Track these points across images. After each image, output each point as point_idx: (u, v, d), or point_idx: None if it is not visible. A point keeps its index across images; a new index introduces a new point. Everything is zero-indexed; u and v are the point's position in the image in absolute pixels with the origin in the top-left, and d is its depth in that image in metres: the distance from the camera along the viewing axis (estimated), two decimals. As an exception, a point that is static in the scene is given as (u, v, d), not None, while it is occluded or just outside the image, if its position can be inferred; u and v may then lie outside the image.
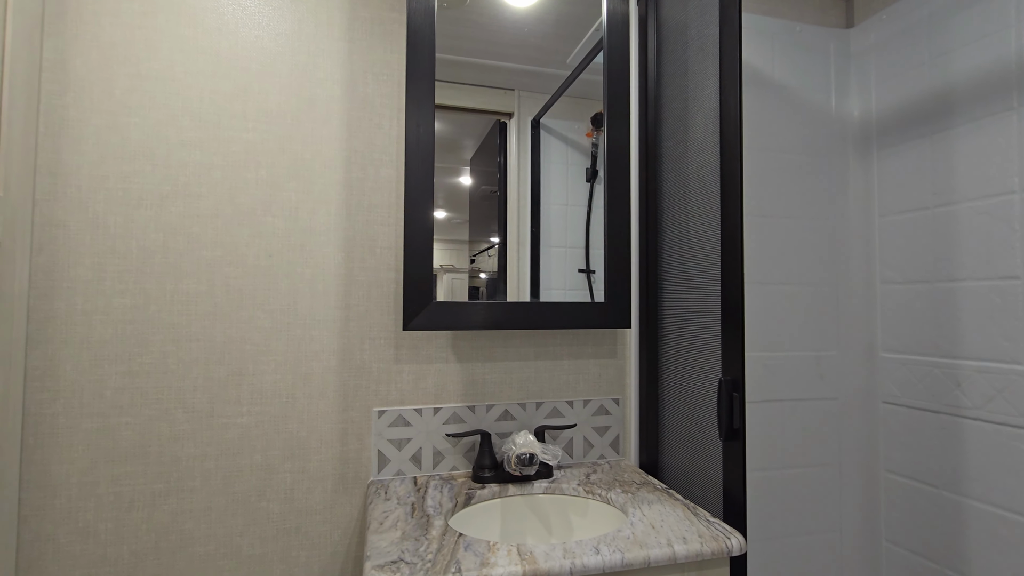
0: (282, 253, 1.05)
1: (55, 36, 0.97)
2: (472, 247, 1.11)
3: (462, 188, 1.10)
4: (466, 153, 1.12)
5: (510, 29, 1.13)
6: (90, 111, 0.98)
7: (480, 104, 1.13)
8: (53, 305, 0.95)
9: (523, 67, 1.16)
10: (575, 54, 1.19)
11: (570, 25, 1.17)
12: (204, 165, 1.02)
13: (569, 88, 1.18)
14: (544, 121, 1.17)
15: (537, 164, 1.17)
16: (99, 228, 0.97)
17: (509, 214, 1.14)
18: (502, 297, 1.12)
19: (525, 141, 1.16)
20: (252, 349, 1.03)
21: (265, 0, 1.06)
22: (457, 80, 1.10)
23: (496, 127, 1.15)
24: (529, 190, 1.16)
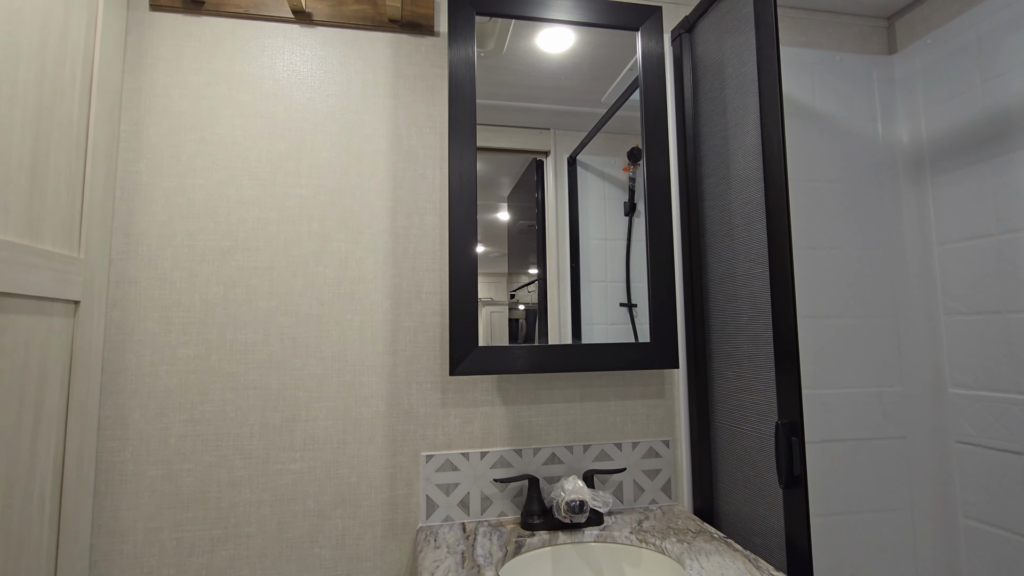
0: (333, 301, 1.09)
1: (131, 109, 1.05)
2: (511, 279, 1.13)
3: (500, 223, 1.12)
4: (503, 190, 1.15)
5: (545, 72, 1.17)
6: (160, 175, 1.05)
7: (517, 144, 1.16)
8: (124, 357, 1.01)
9: (558, 107, 1.19)
10: (609, 93, 1.21)
11: (604, 66, 1.20)
12: (261, 220, 1.08)
13: (605, 125, 1.20)
14: (580, 158, 1.19)
15: (574, 200, 1.18)
16: (166, 283, 1.04)
17: (548, 249, 1.15)
18: (543, 332, 1.12)
19: (562, 178, 1.18)
20: (305, 396, 1.06)
21: (317, 64, 1.13)
22: (495, 123, 1.13)
23: (533, 165, 1.18)
24: (567, 226, 1.17)
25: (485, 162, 1.12)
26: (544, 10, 1.15)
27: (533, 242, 1.14)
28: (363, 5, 1.15)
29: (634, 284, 1.18)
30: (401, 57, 1.17)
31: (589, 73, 1.19)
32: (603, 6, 1.18)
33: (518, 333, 1.12)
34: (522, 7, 1.14)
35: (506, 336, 1.10)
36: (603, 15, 1.18)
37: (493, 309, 1.11)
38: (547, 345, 1.10)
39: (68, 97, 0.88)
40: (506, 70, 1.15)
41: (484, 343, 1.08)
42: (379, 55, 1.16)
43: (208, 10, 1.09)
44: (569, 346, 1.10)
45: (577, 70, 1.19)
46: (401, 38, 1.17)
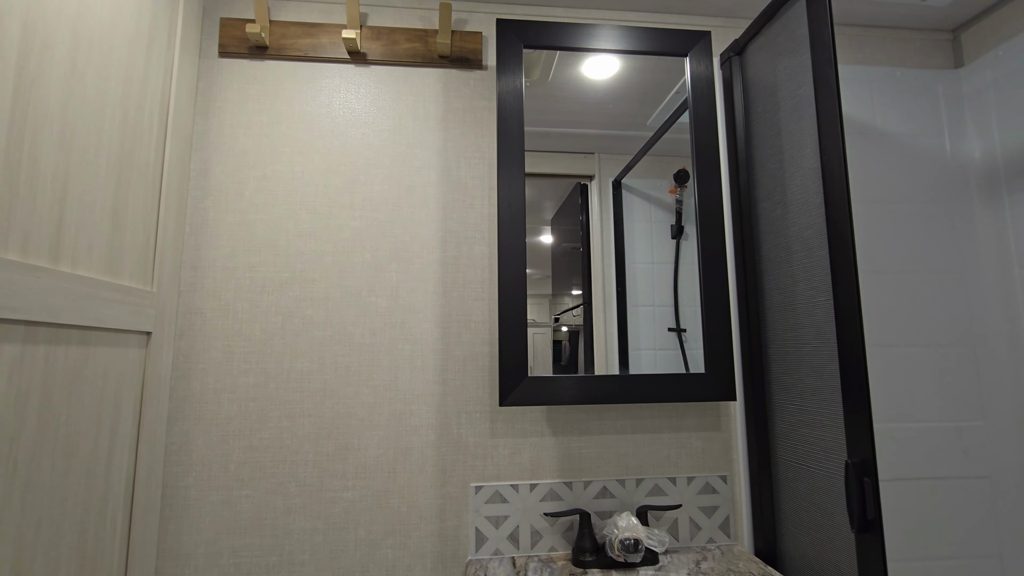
0: (384, 331, 1.11)
1: (201, 150, 1.12)
2: (554, 300, 1.12)
3: (543, 245, 1.12)
4: (547, 214, 1.15)
5: (590, 98, 1.17)
6: (225, 211, 1.11)
7: (562, 169, 1.16)
8: (190, 385, 1.06)
9: (603, 132, 1.19)
10: (655, 116, 1.20)
11: (650, 90, 1.19)
12: (317, 252, 1.12)
13: (651, 148, 1.19)
14: (625, 181, 1.18)
15: (620, 224, 1.17)
16: (229, 314, 1.08)
17: (593, 272, 1.13)
18: (588, 357, 1.10)
19: (607, 201, 1.17)
20: (357, 424, 1.08)
21: (371, 101, 1.18)
22: (540, 149, 1.14)
23: (577, 189, 1.17)
24: (613, 249, 1.16)
25: (529, 187, 1.13)
26: (591, 41, 1.16)
27: (577, 264, 1.14)
28: (415, 43, 1.19)
29: (683, 308, 1.15)
30: (450, 91, 1.20)
31: (635, 97, 1.19)
32: (651, 34, 1.17)
33: (561, 355, 1.10)
34: (569, 39, 1.15)
35: (549, 358, 1.10)
36: (651, 43, 1.17)
37: (536, 330, 1.10)
38: (597, 376, 1.08)
39: (146, 142, 0.95)
40: (551, 97, 1.16)
41: (531, 370, 1.07)
42: (429, 90, 1.19)
43: (271, 55, 1.15)
44: (619, 377, 1.08)
45: (622, 95, 1.19)
46: (450, 73, 1.20)
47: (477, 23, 1.23)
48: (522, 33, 1.13)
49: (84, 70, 0.78)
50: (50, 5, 0.71)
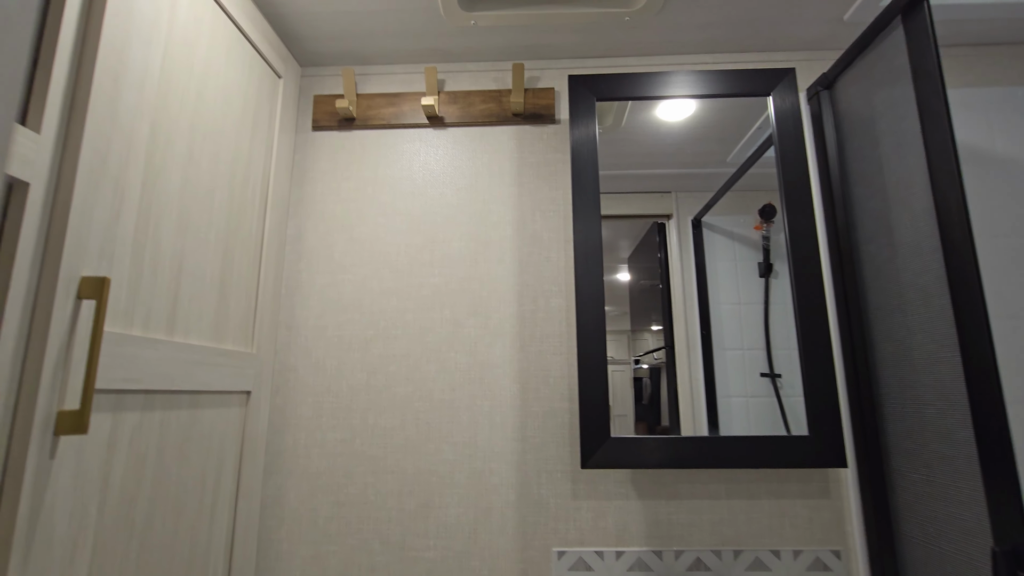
0: (464, 387, 1.11)
1: (296, 217, 1.21)
2: (634, 336, 1.07)
3: (620, 283, 1.10)
4: (623, 252, 1.12)
5: (665, 139, 1.15)
6: (316, 273, 1.18)
7: (637, 210, 1.14)
8: (284, 439, 1.11)
9: (680, 171, 1.15)
10: (736, 152, 1.15)
11: (729, 127, 1.15)
12: (399, 309, 1.15)
13: (733, 185, 1.13)
14: (706, 219, 1.13)
15: (701, 263, 1.11)
16: (319, 371, 1.14)
17: (675, 314, 1.08)
18: (672, 401, 1.03)
19: (686, 241, 1.12)
20: (438, 481, 1.08)
21: (448, 161, 1.22)
22: (613, 190, 1.13)
23: (654, 228, 1.14)
24: (695, 291, 1.10)
25: (605, 228, 1.11)
26: (665, 88, 1.14)
27: (656, 300, 1.09)
28: (489, 104, 1.23)
29: (776, 352, 1.06)
30: (524, 146, 1.22)
31: (713, 135, 1.15)
32: (729, 77, 1.14)
33: (642, 393, 1.05)
34: (642, 88, 1.14)
35: (630, 396, 1.05)
36: (730, 86, 1.14)
37: (616, 368, 1.06)
38: (685, 437, 1.01)
39: (249, 214, 1.03)
40: (624, 141, 1.15)
41: (612, 410, 1.03)
42: (504, 147, 1.22)
43: (357, 125, 1.24)
44: (710, 439, 1.01)
45: (700, 134, 1.15)
46: (524, 129, 1.23)
47: (549, 79, 1.25)
48: (594, 87, 1.13)
49: (199, 158, 0.87)
50: (172, 105, 0.81)
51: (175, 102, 0.81)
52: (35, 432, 0.57)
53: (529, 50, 1.22)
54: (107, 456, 0.67)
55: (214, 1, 0.91)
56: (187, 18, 0.84)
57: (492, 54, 1.24)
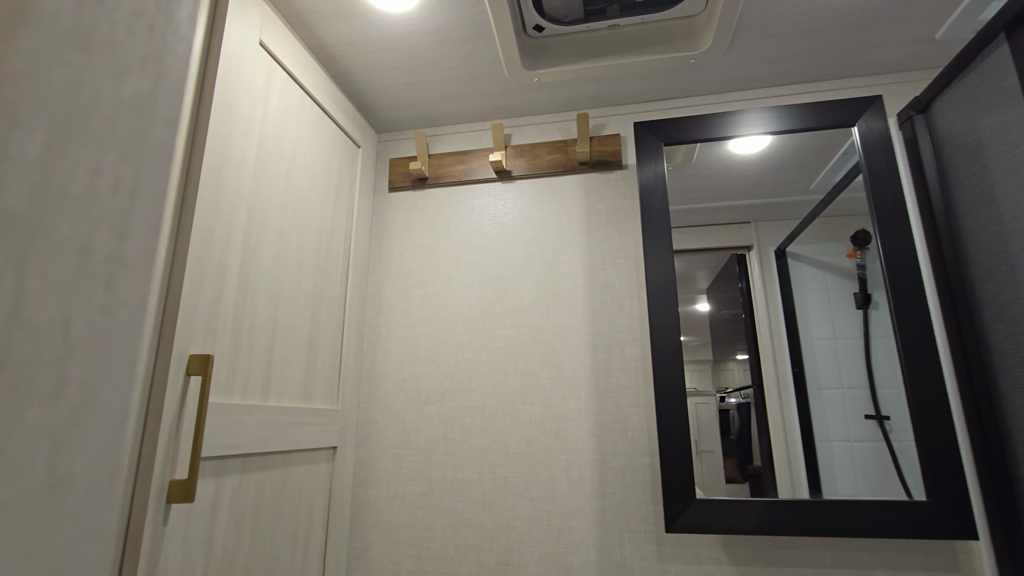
0: (539, 440, 1.10)
1: (375, 274, 1.27)
2: (716, 367, 1.02)
3: (700, 313, 1.05)
4: (701, 283, 1.07)
5: (740, 171, 1.11)
6: (394, 327, 1.23)
7: (714, 242, 1.09)
8: (367, 492, 1.15)
9: (758, 201, 1.10)
10: (820, 180, 1.08)
11: (810, 155, 1.09)
12: (473, 362, 1.17)
13: (820, 212, 1.07)
14: (791, 249, 1.06)
15: (788, 297, 1.04)
16: (399, 423, 1.17)
17: (762, 352, 1.01)
18: (763, 442, 0.96)
19: (770, 273, 1.06)
20: (516, 538, 1.06)
21: (517, 214, 1.24)
22: (688, 224, 1.09)
23: (733, 260, 1.08)
24: (783, 325, 1.03)
25: (680, 261, 1.08)
26: (736, 128, 1.10)
27: (739, 330, 1.04)
28: (555, 155, 1.24)
29: (881, 390, 0.96)
30: (592, 194, 1.22)
31: (793, 163, 1.10)
32: (808, 111, 1.08)
33: (730, 427, 0.98)
34: (712, 129, 1.11)
35: (716, 430, 0.99)
36: (808, 119, 1.08)
37: (700, 400, 1.01)
38: (782, 501, 0.93)
39: (333, 277, 1.10)
40: (696, 176, 1.12)
41: (699, 459, 0.97)
42: (571, 195, 1.23)
43: (430, 184, 1.29)
44: (812, 504, 0.92)
45: (778, 163, 1.10)
46: (591, 177, 1.23)
47: (615, 125, 1.25)
48: (661, 132, 1.12)
49: (288, 231, 0.95)
50: (266, 188, 0.89)
51: (268, 184, 0.89)
52: (151, 501, 0.62)
53: (593, 99, 1.23)
54: (211, 519, 0.73)
55: (301, 88, 1.00)
56: (278, 107, 0.93)
57: (557, 106, 1.26)
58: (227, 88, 0.78)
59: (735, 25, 1.00)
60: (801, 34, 1.04)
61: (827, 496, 0.96)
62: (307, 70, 1.01)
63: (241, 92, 0.81)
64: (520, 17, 1.05)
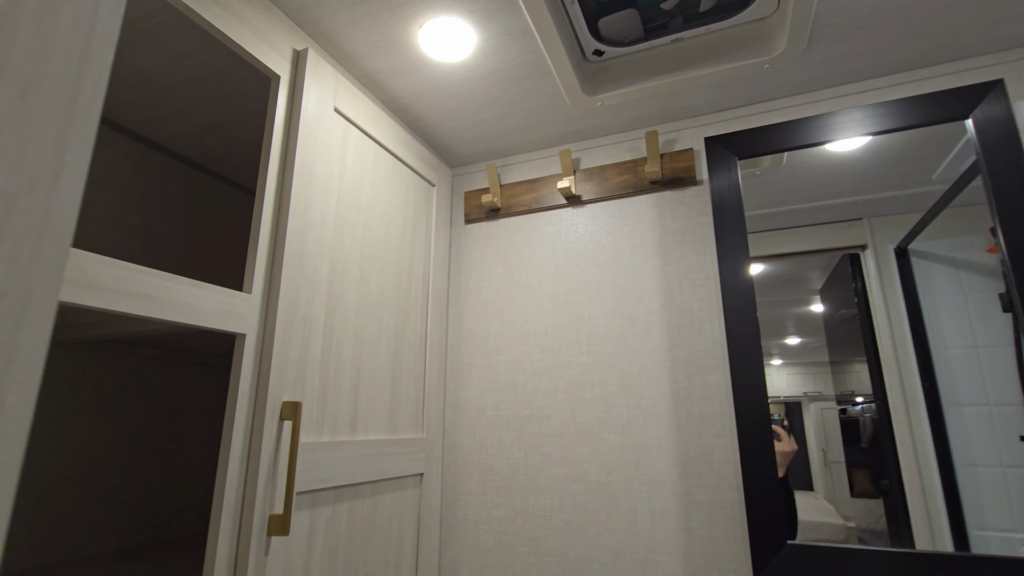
0: (619, 469, 1.08)
1: (455, 304, 1.33)
2: (835, 368, 0.95)
3: (814, 315, 0.99)
4: (814, 284, 1.01)
5: (843, 167, 1.02)
6: (474, 355, 1.28)
7: (822, 243, 1.02)
8: (455, 514, 1.20)
9: (869, 197, 1.00)
10: (944, 168, 0.96)
11: (928, 143, 0.97)
12: (550, 389, 1.18)
13: (948, 203, 0.95)
14: (915, 246, 0.95)
15: (914, 300, 0.93)
16: (482, 449, 1.21)
17: (884, 365, 0.92)
18: (891, 460, 0.86)
19: (889, 274, 0.95)
20: (600, 570, 1.05)
21: (589, 238, 1.23)
22: (790, 225, 1.02)
23: (845, 260, 0.99)
24: (907, 333, 0.92)
25: (789, 263, 1.02)
26: (821, 133, 1.01)
27: (857, 332, 0.96)
28: (625, 176, 1.22)
29: None
30: (665, 213, 1.18)
31: (907, 155, 0.99)
32: (907, 108, 0.96)
33: (861, 435, 0.90)
34: (792, 137, 1.02)
35: (838, 437, 0.93)
36: (909, 116, 0.96)
37: (823, 405, 0.95)
38: (914, 553, 0.83)
39: (413, 311, 1.17)
40: (791, 177, 1.05)
41: (828, 469, 0.90)
42: (642, 216, 1.19)
43: (503, 214, 1.33)
44: (954, 558, 0.81)
45: (887, 156, 1.00)
46: (663, 196, 1.19)
47: (687, 140, 1.20)
48: (734, 146, 1.05)
49: (368, 277, 1.03)
50: (345, 241, 0.97)
51: (347, 237, 0.98)
52: (254, 534, 0.71)
53: (662, 115, 1.19)
54: (308, 547, 0.81)
55: (374, 142, 1.08)
56: (354, 164, 1.01)
57: (624, 126, 1.24)
58: (306, 157, 0.87)
59: (812, 23, 0.92)
60: (897, 21, 0.92)
61: (975, 532, 0.85)
62: (379, 124, 1.09)
63: (319, 157, 0.90)
64: (578, 45, 1.05)
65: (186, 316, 0.68)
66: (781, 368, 1.02)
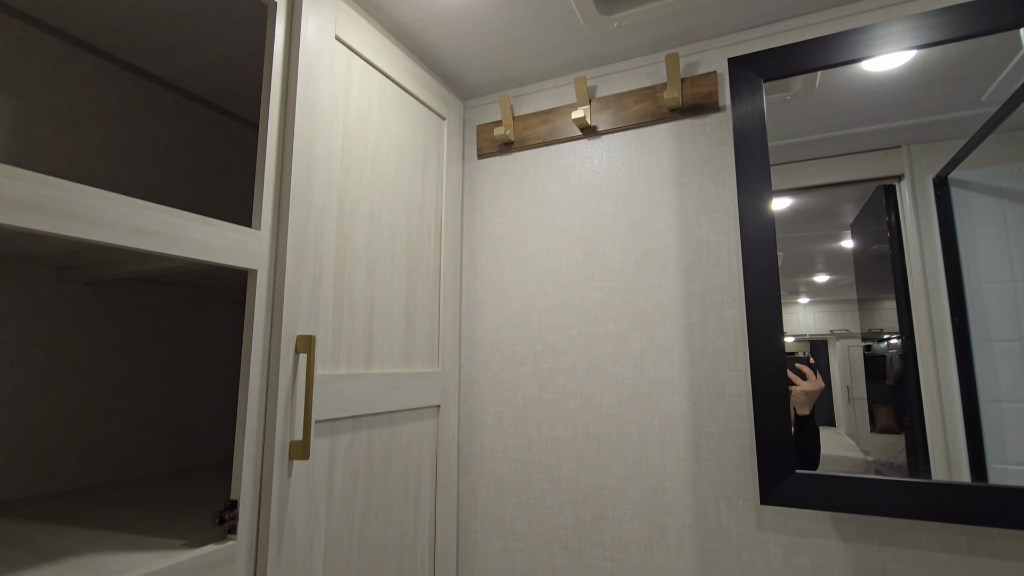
0: (631, 402, 1.10)
1: (468, 241, 1.33)
2: (863, 306, 0.93)
3: (843, 251, 0.96)
4: (846, 218, 0.96)
5: (880, 89, 0.95)
6: (489, 292, 1.28)
7: (855, 174, 0.97)
8: (472, 444, 1.25)
9: (909, 122, 0.94)
10: (996, 88, 0.89)
11: (977, 61, 0.89)
12: (564, 325, 1.19)
13: (996, 127, 0.88)
14: (955, 176, 0.90)
15: (950, 233, 0.89)
16: (497, 382, 1.24)
17: (913, 299, 0.89)
18: (912, 393, 0.86)
19: (926, 206, 0.91)
20: (610, 495, 1.09)
21: (604, 171, 1.19)
22: (820, 155, 0.97)
23: (880, 192, 0.95)
24: (940, 267, 0.89)
25: (819, 197, 0.98)
26: (859, 48, 0.93)
27: (888, 271, 0.92)
28: (643, 103, 1.16)
29: None
30: (684, 143, 1.12)
31: (953, 74, 0.91)
32: (955, 17, 0.87)
33: (886, 372, 0.90)
34: (825, 55, 0.95)
35: (862, 375, 0.92)
36: (957, 26, 0.87)
37: (850, 343, 0.93)
38: (926, 482, 0.83)
39: (426, 249, 1.17)
40: (823, 103, 0.98)
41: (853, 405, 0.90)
42: (661, 147, 1.14)
43: (516, 147, 1.29)
44: (964, 488, 0.81)
45: (930, 76, 0.92)
46: (683, 124, 1.13)
47: (710, 62, 1.12)
48: (759, 66, 0.98)
49: (379, 213, 1.02)
50: (353, 176, 0.96)
51: (355, 171, 0.96)
52: (276, 459, 0.76)
53: (684, 35, 1.11)
54: (329, 471, 0.86)
55: (380, 72, 1.04)
56: (359, 97, 0.98)
57: (643, 48, 1.16)
58: (308, 89, 0.85)
59: (853, -79, 0.82)
60: (950, -86, 0.82)
61: (995, 466, 0.85)
62: (383, 53, 1.04)
63: (322, 89, 0.88)
64: (592, -42, 0.97)
65: (197, 252, 0.69)
66: (808, 306, 1.00)
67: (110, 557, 0.66)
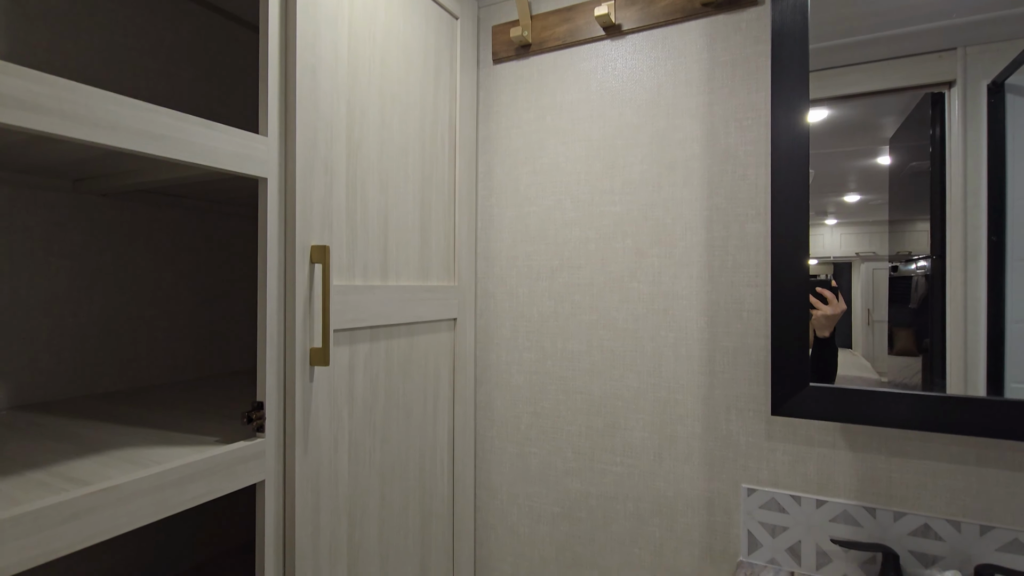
0: (647, 317, 1.10)
1: (484, 154, 1.28)
2: (894, 228, 0.90)
3: (878, 168, 0.91)
4: (885, 131, 0.91)
5: None
6: (505, 206, 1.25)
7: (901, 80, 0.90)
8: (488, 356, 1.28)
9: (968, 19, 0.85)
10: None
11: None
12: (582, 239, 1.17)
13: None
14: (1014, 80, 0.83)
15: (999, 145, 0.84)
16: (513, 297, 1.25)
17: (949, 214, 0.86)
18: (936, 317, 0.85)
19: (977, 115, 0.85)
20: (623, 405, 1.12)
21: (628, 75, 1.12)
22: (866, 59, 0.90)
23: (927, 100, 0.89)
24: (983, 184, 0.85)
25: (858, 108, 0.91)
26: (924, -79, 0.81)
27: (925, 189, 0.88)
28: (673, -4, 1.06)
29: None
30: (716, 43, 1.03)
31: None
32: None
33: (910, 294, 0.89)
34: (885, -70, 0.83)
35: (885, 298, 0.90)
36: None
37: (876, 266, 0.91)
38: (939, 396, 0.83)
39: (440, 159, 1.14)
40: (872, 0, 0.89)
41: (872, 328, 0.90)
42: (690, 47, 1.06)
43: (534, 50, 1.21)
44: (978, 403, 0.80)
45: None
46: (716, 20, 1.03)
47: (752, -55, 1.01)
48: (809, -53, 0.87)
49: (390, 121, 0.98)
50: (362, 79, 0.91)
51: (364, 76, 0.91)
52: (298, 364, 0.78)
53: (724, -87, 0.99)
54: (349, 377, 0.89)
55: (386, -37, 0.96)
56: (364, -10, 0.91)
57: (676, -70, 1.04)
58: (308, -20, 0.78)
59: None
60: None
61: (1014, 384, 0.84)
62: (390, -60, 0.95)
63: (323, -19, 0.81)
64: None
65: (204, 158, 0.68)
66: (835, 228, 0.95)
67: (149, 450, 0.71)
